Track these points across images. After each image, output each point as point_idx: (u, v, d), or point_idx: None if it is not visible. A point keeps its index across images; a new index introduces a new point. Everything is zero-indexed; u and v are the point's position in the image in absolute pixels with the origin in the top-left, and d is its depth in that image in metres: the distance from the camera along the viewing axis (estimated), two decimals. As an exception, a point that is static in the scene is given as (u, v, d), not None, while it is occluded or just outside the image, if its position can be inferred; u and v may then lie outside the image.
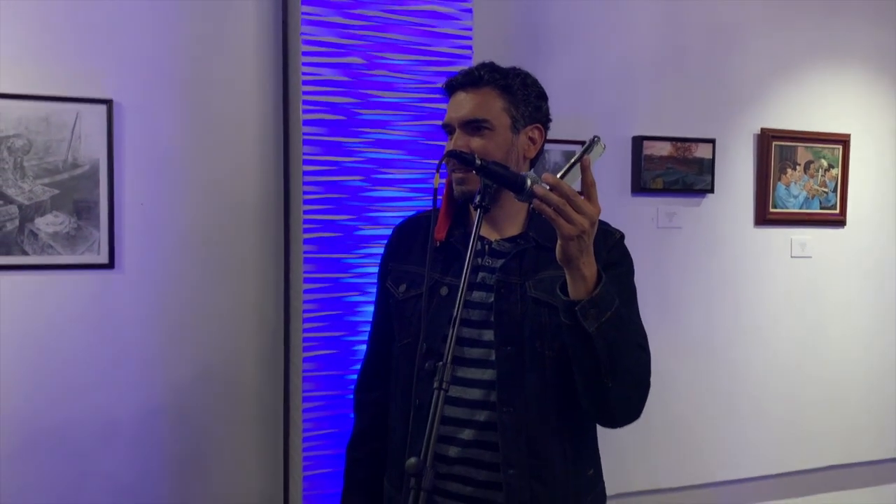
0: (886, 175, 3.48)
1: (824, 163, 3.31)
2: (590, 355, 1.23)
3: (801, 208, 3.29)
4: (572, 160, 1.21)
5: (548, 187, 1.16)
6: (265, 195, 2.55)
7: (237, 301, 2.53)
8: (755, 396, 3.29)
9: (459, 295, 1.15)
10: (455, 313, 1.14)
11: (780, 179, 3.24)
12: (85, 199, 2.31)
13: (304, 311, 2.34)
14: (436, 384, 1.09)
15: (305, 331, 2.34)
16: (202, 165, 2.48)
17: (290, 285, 2.53)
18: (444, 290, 1.41)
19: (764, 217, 3.23)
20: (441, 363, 1.10)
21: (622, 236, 1.45)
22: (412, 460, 1.02)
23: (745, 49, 3.21)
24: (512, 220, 1.44)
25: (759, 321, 3.28)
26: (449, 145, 1.41)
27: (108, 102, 2.33)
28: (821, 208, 3.32)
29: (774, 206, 3.24)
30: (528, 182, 1.22)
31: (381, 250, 2.39)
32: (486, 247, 1.43)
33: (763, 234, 3.26)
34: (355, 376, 2.36)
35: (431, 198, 2.42)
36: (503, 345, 1.36)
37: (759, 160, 3.22)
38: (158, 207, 2.43)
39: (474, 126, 1.39)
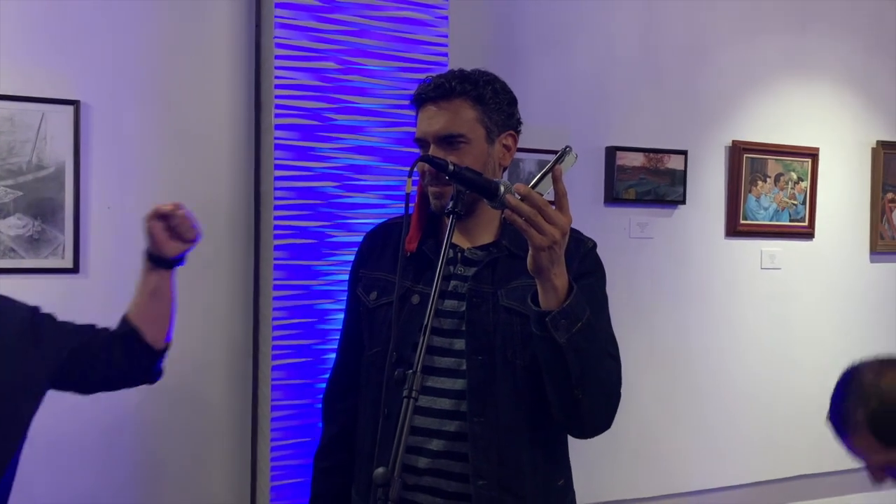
0: (853, 189, 3.53)
1: (794, 175, 3.35)
2: (560, 365, 1.22)
3: (770, 220, 3.32)
4: (544, 170, 1.20)
5: (519, 197, 1.15)
6: (235, 200, 2.51)
7: (205, 308, 2.49)
8: (725, 406, 3.31)
9: (430, 303, 1.14)
10: (426, 321, 1.13)
11: (750, 191, 3.27)
12: (50, 201, 2.26)
13: (274, 319, 2.31)
14: (405, 393, 1.07)
15: (275, 339, 2.31)
16: (171, 169, 2.43)
17: (260, 292, 2.49)
18: (415, 299, 1.39)
19: (734, 228, 3.26)
20: (411, 371, 1.08)
21: (594, 245, 1.45)
22: (380, 470, 1.01)
23: (717, 63, 3.24)
24: (485, 227, 1.43)
25: (729, 331, 3.30)
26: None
27: (75, 103, 2.28)
28: (790, 220, 3.36)
29: (745, 218, 3.27)
30: (502, 189, 1.21)
31: (353, 257, 2.38)
32: (459, 255, 1.42)
33: (733, 246, 3.29)
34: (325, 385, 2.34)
35: (404, 205, 2.41)
36: (474, 354, 1.34)
37: (730, 172, 3.25)
38: (125, 211, 2.38)
39: (449, 141, 1.37)
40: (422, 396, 1.15)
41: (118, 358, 1.55)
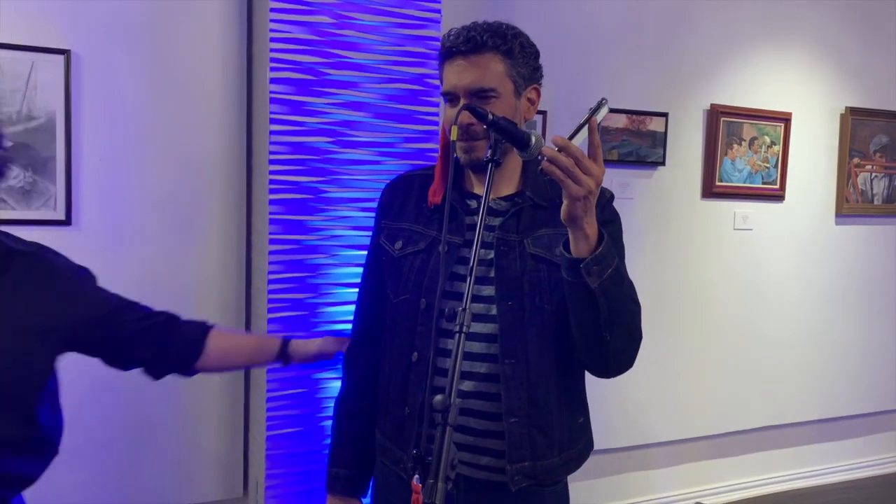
0: (822, 153, 3.65)
1: (767, 139, 3.45)
2: (591, 310, 1.27)
3: (744, 182, 3.43)
4: (580, 122, 1.24)
5: (557, 149, 1.19)
6: (228, 152, 2.50)
7: (198, 261, 2.49)
8: (696, 361, 3.43)
9: (474, 249, 1.19)
10: (471, 264, 1.17)
11: (726, 154, 3.36)
12: (41, 152, 2.22)
13: (270, 273, 2.32)
14: (456, 328, 1.12)
15: (270, 292, 2.32)
16: (164, 121, 2.41)
17: (253, 246, 2.49)
18: (443, 248, 1.43)
19: (710, 190, 3.35)
20: (461, 309, 1.13)
21: (612, 196, 1.49)
22: (439, 397, 1.06)
23: (697, 28, 3.30)
24: (508, 179, 1.47)
25: (702, 289, 3.41)
26: (450, 112, 1.41)
27: (65, 53, 2.24)
28: (762, 183, 3.47)
29: (720, 180, 3.37)
30: (533, 139, 1.25)
31: (348, 213, 2.40)
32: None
33: (709, 207, 3.39)
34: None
35: (413, 160, 2.43)
36: (504, 300, 1.39)
37: (707, 135, 3.34)
38: (117, 163, 2.35)
39: (480, 95, 1.38)
40: (453, 341, 1.19)
41: (165, 349, 1.56)
